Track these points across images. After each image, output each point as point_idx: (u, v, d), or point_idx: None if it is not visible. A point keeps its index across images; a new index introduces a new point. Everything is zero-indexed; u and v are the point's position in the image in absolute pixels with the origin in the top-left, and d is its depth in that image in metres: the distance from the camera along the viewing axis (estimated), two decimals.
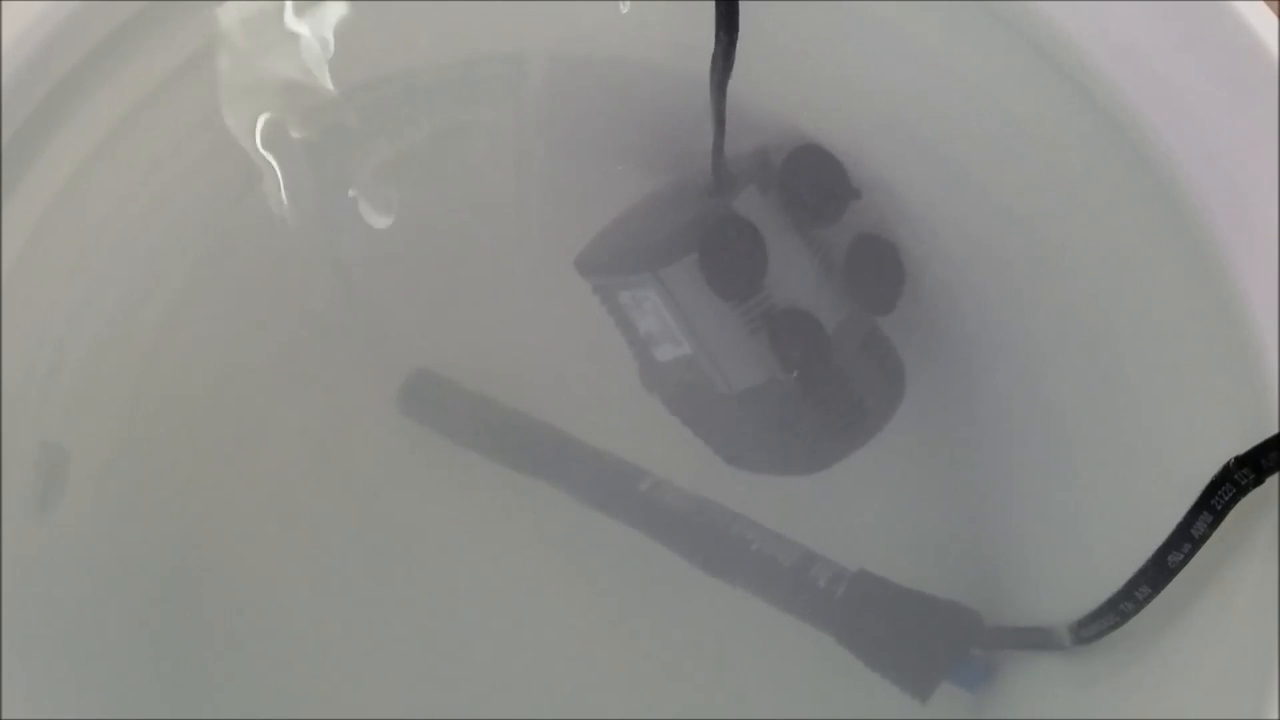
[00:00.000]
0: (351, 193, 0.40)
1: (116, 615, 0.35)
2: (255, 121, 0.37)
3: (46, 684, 0.31)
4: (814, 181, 0.37)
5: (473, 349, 0.43)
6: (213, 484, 0.39)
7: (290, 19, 0.35)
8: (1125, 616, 0.29)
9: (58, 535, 0.34)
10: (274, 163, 0.38)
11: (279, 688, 0.37)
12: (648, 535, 0.39)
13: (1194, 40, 0.28)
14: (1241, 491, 0.25)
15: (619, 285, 0.37)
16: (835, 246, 0.37)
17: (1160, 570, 0.27)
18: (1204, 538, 0.26)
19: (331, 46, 0.36)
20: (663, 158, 0.40)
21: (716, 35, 0.31)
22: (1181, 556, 0.27)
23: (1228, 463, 0.25)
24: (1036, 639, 0.33)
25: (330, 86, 0.37)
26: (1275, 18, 0.27)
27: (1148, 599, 0.28)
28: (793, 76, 0.37)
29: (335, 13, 0.36)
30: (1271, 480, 0.25)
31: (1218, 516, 0.26)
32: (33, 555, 0.32)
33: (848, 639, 0.36)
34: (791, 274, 0.36)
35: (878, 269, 0.38)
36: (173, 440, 0.38)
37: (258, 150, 0.37)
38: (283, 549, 0.40)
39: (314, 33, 0.36)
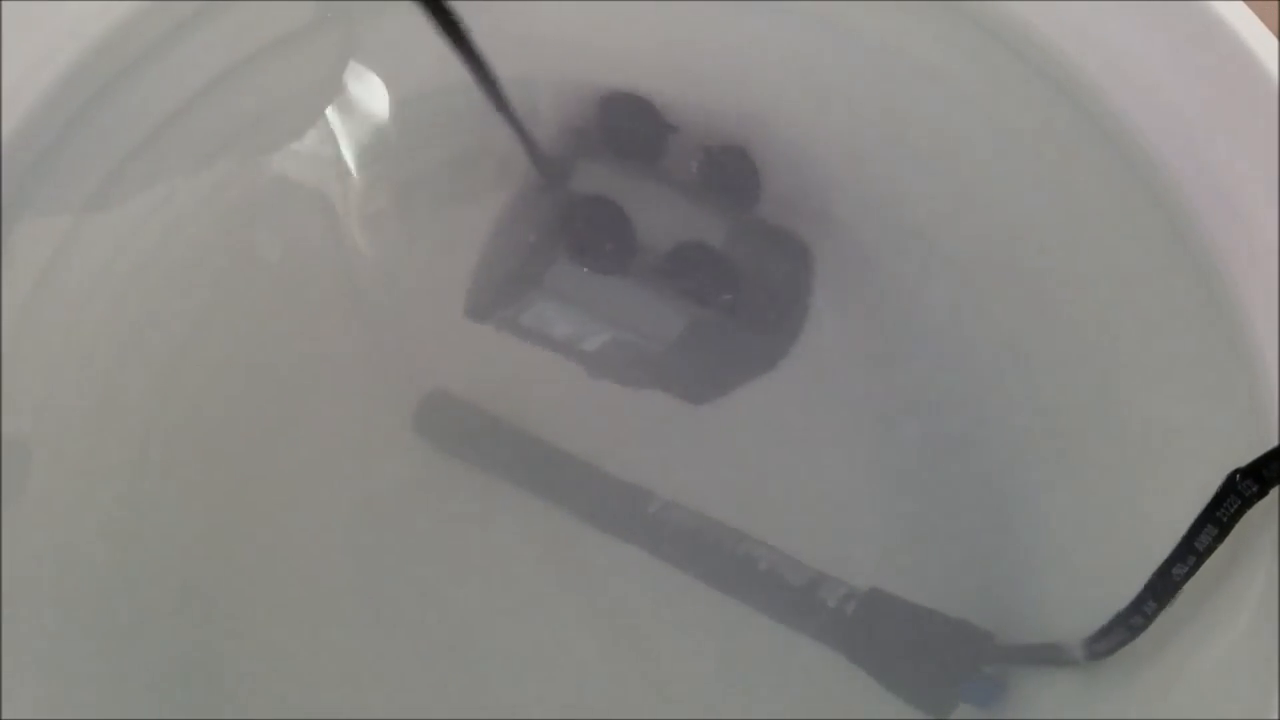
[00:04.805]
0: (366, 214, 0.41)
1: (125, 629, 0.35)
2: (269, 147, 0.37)
3: (47, 685, 0.31)
4: (633, 123, 0.37)
5: (488, 369, 0.43)
6: (226, 504, 0.39)
7: (301, 47, 0.36)
8: (1136, 631, 0.29)
9: (69, 547, 0.34)
10: (289, 187, 0.38)
11: (287, 704, 0.37)
12: (657, 556, 0.40)
13: (1182, 46, 0.29)
14: (1246, 503, 0.25)
15: (515, 313, 0.38)
16: (684, 169, 0.38)
17: (1165, 584, 0.27)
18: (1209, 550, 0.26)
19: (342, 72, 0.37)
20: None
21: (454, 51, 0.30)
22: (1186, 569, 0.27)
23: (1231, 474, 0.26)
24: (1048, 655, 0.33)
25: (342, 111, 0.38)
26: (1264, 27, 0.27)
27: (1155, 613, 0.28)
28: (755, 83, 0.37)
29: (345, 41, 0.36)
30: (1275, 491, 0.25)
31: (1223, 529, 0.26)
32: (42, 566, 0.32)
33: (860, 657, 0.36)
34: (658, 217, 0.36)
35: (732, 168, 0.38)
36: (188, 460, 0.39)
37: (272, 175, 0.38)
38: (296, 568, 0.40)
39: (325, 61, 0.36)
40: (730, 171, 0.38)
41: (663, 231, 0.36)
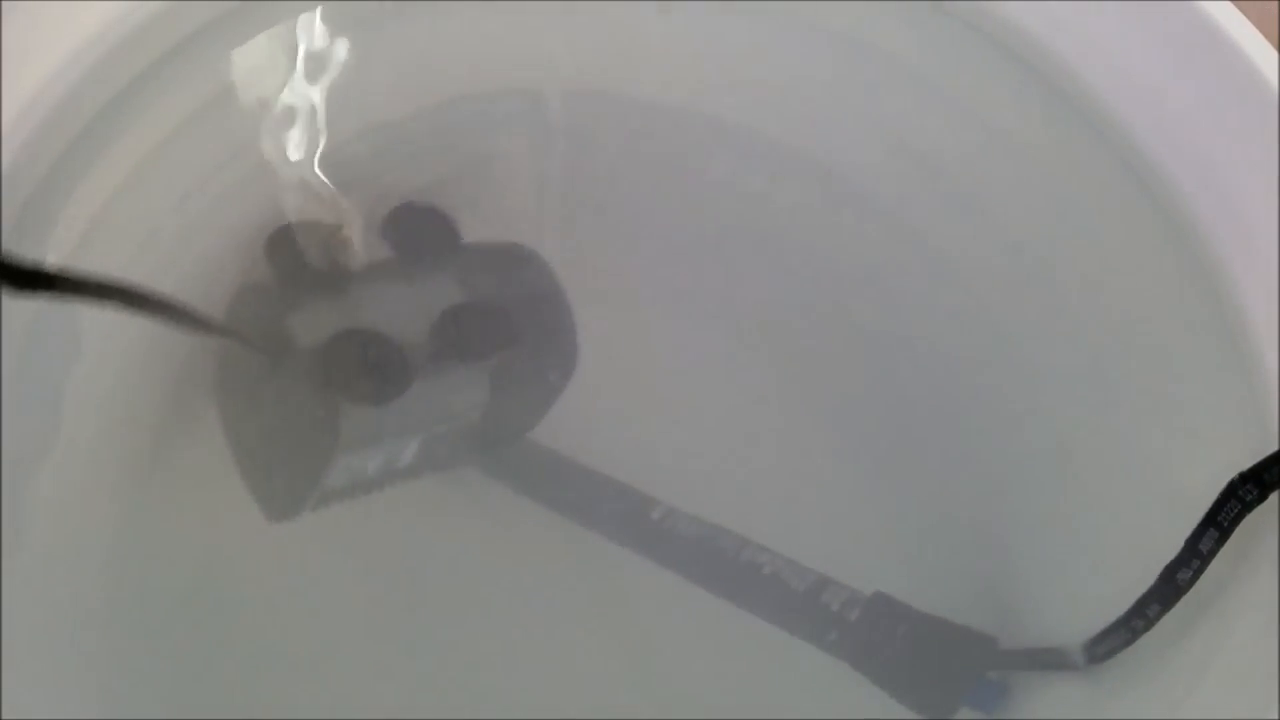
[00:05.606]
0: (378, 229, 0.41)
1: (127, 632, 0.35)
2: (279, 157, 0.37)
3: (47, 686, 0.31)
4: (304, 245, 0.36)
5: None
6: (230, 513, 0.39)
7: (314, 58, 0.36)
8: (1136, 634, 0.29)
9: (71, 551, 0.34)
10: (305, 195, 0.38)
11: (290, 708, 0.37)
12: (661, 563, 0.40)
13: (1180, 51, 0.29)
14: (1247, 507, 0.26)
15: (323, 483, 0.36)
16: (381, 252, 0.37)
17: (1169, 588, 0.28)
18: (1211, 554, 0.27)
19: (354, 82, 0.37)
20: None
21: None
22: (1190, 573, 0.27)
23: (1232, 479, 0.26)
24: (1050, 659, 0.33)
25: (353, 122, 0.38)
26: (1258, 32, 0.28)
27: (1158, 616, 0.28)
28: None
29: (355, 51, 0.36)
30: (1275, 495, 0.26)
31: (1224, 533, 0.26)
32: (44, 569, 0.33)
33: (863, 663, 0.37)
34: (394, 311, 0.35)
35: (414, 219, 0.38)
36: (192, 468, 0.39)
37: (284, 184, 0.38)
38: (299, 575, 0.40)
39: (336, 71, 0.37)
40: (416, 222, 0.38)
41: (410, 321, 0.35)
